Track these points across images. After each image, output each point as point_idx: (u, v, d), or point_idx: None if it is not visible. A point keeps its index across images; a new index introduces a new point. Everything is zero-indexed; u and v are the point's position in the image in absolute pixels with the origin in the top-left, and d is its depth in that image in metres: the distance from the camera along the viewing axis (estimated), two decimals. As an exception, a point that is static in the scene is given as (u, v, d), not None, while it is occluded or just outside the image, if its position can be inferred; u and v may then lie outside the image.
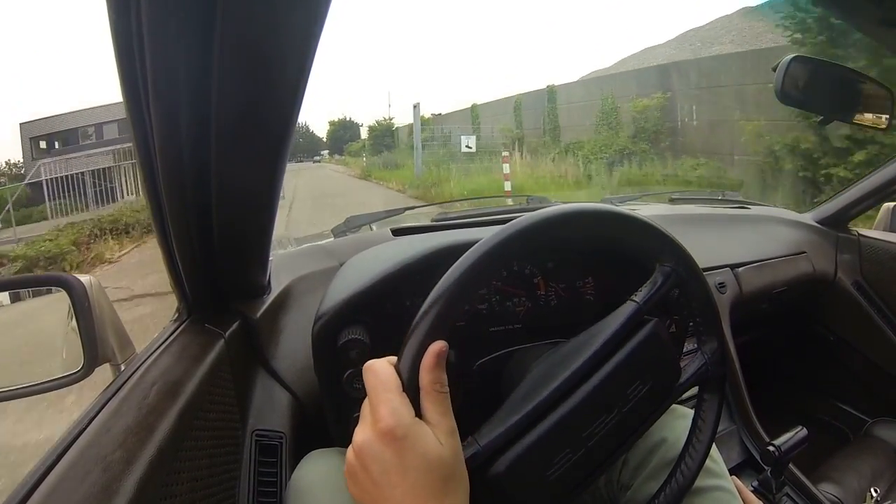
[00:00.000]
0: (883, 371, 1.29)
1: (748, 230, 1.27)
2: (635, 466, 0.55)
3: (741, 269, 1.10)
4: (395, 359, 0.37)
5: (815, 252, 1.28)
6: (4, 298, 0.61)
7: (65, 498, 0.34)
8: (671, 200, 1.47)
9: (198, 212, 0.46)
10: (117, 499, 0.34)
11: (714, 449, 0.52)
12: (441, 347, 0.36)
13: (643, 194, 1.75)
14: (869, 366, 1.32)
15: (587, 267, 0.67)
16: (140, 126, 0.38)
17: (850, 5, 0.56)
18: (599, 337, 0.43)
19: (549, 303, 0.66)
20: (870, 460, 1.11)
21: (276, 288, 0.70)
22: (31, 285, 0.65)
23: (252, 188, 0.47)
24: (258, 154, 0.43)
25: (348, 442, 0.36)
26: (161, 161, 0.40)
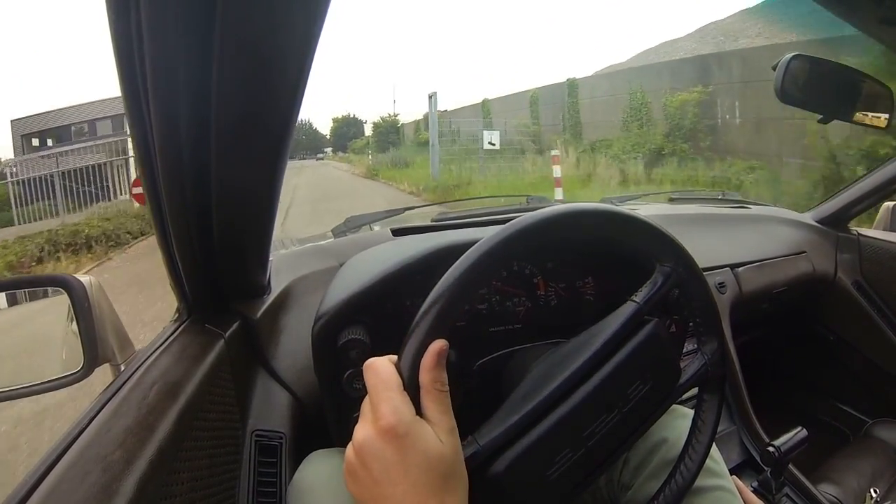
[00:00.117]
0: (883, 371, 1.29)
1: (748, 230, 1.27)
2: (636, 466, 0.55)
3: (741, 269, 1.10)
4: (396, 357, 0.37)
5: (815, 252, 1.28)
6: (1, 302, 0.61)
7: (65, 498, 0.34)
8: (671, 200, 1.47)
9: (198, 212, 0.46)
10: (117, 499, 0.34)
11: (714, 449, 0.52)
12: (441, 346, 0.36)
13: (643, 194, 1.75)
14: (869, 366, 1.32)
15: (587, 267, 0.67)
16: (140, 126, 0.38)
17: (850, 4, 0.56)
18: (600, 337, 0.43)
19: (549, 303, 0.66)
20: (870, 461, 1.11)
21: (277, 288, 0.70)
22: (31, 286, 0.65)
23: (252, 188, 0.47)
24: (258, 154, 0.43)
25: (348, 441, 0.36)
26: (161, 161, 0.40)
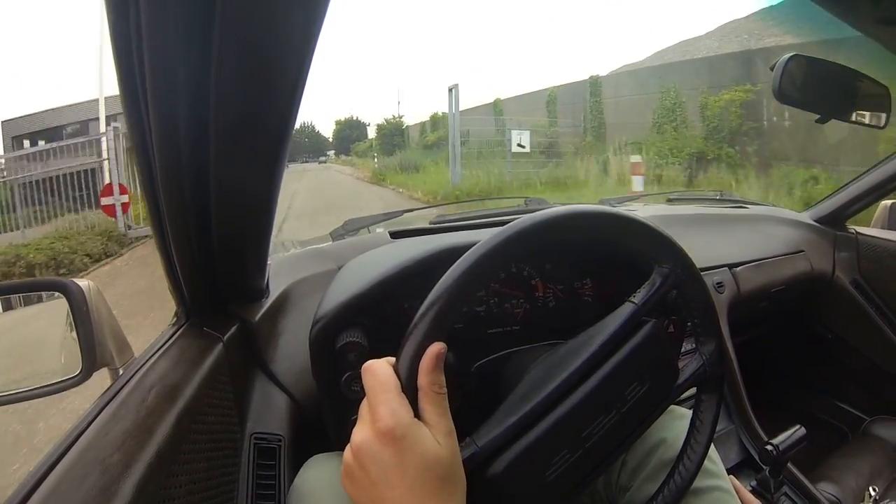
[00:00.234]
0: (881, 369, 1.29)
1: (746, 230, 1.27)
2: (634, 468, 0.55)
3: (739, 269, 1.10)
4: (394, 360, 0.38)
5: (813, 251, 1.28)
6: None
7: (63, 501, 0.34)
8: (669, 200, 1.48)
9: (196, 214, 0.46)
10: (115, 502, 0.34)
11: (712, 449, 0.52)
12: (440, 349, 0.36)
13: (642, 195, 1.75)
14: (867, 364, 1.32)
15: (585, 268, 0.67)
16: (138, 127, 0.38)
17: (848, 4, 0.56)
18: (598, 338, 0.43)
19: (548, 304, 0.66)
20: (868, 459, 1.11)
21: (275, 291, 0.70)
22: (30, 290, 0.64)
23: (251, 190, 0.47)
24: (257, 155, 0.43)
25: (347, 444, 0.36)
26: (159, 162, 0.40)
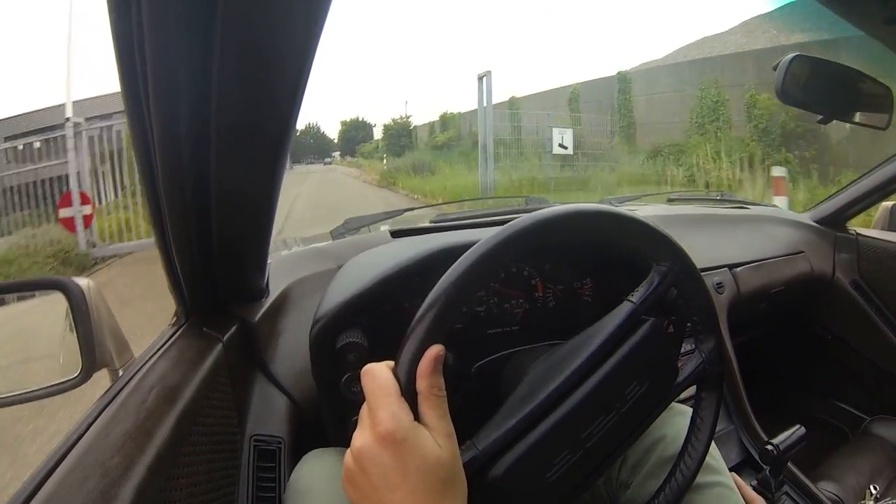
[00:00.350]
0: (881, 369, 1.30)
1: (746, 230, 1.27)
2: (634, 464, 0.55)
3: (739, 269, 1.10)
4: (394, 363, 0.37)
5: (813, 252, 1.28)
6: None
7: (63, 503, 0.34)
8: (669, 201, 1.47)
9: (197, 214, 0.46)
10: None
11: (713, 446, 0.52)
12: (438, 352, 0.36)
13: (642, 195, 1.75)
14: (867, 364, 1.32)
15: (585, 268, 0.67)
16: (140, 127, 0.38)
17: (854, 4, 0.56)
18: (597, 338, 0.43)
19: (547, 304, 0.66)
20: (868, 458, 1.11)
21: (275, 291, 0.70)
22: (29, 289, 0.64)
23: (251, 190, 0.47)
24: (258, 156, 0.43)
25: (347, 446, 0.36)
26: (161, 163, 0.40)
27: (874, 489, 0.97)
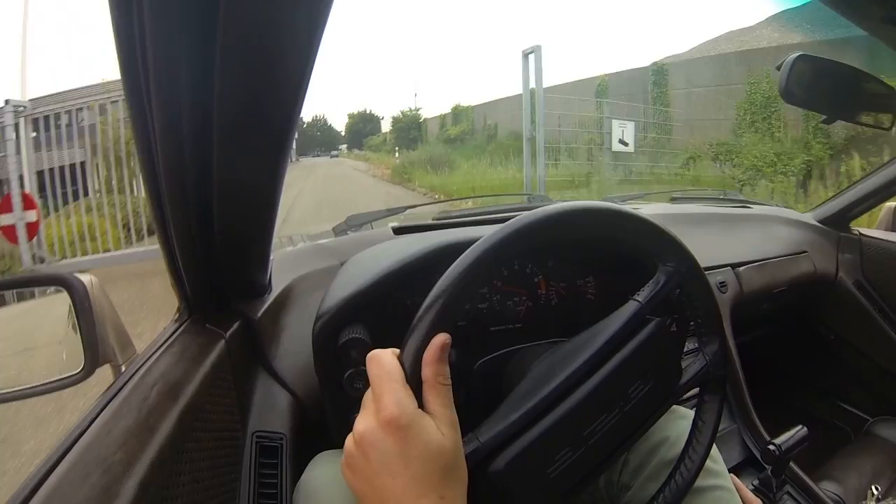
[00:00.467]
0: (884, 370, 1.29)
1: (749, 229, 1.27)
2: (636, 467, 0.55)
3: (742, 269, 1.10)
4: (399, 351, 0.37)
5: (817, 251, 1.28)
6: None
7: (65, 500, 0.34)
8: (672, 199, 1.47)
9: (199, 209, 0.46)
10: (118, 501, 0.34)
11: (714, 448, 0.52)
12: (444, 340, 0.36)
13: (645, 193, 1.74)
14: (870, 365, 1.32)
15: (587, 266, 0.67)
16: (141, 121, 0.38)
17: (854, 3, 0.56)
18: (601, 336, 0.43)
19: (550, 302, 0.66)
20: (871, 459, 1.11)
21: (277, 287, 0.69)
22: (31, 285, 0.64)
23: (253, 185, 0.47)
24: (260, 150, 0.43)
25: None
26: (162, 157, 0.40)
27: (876, 490, 0.97)
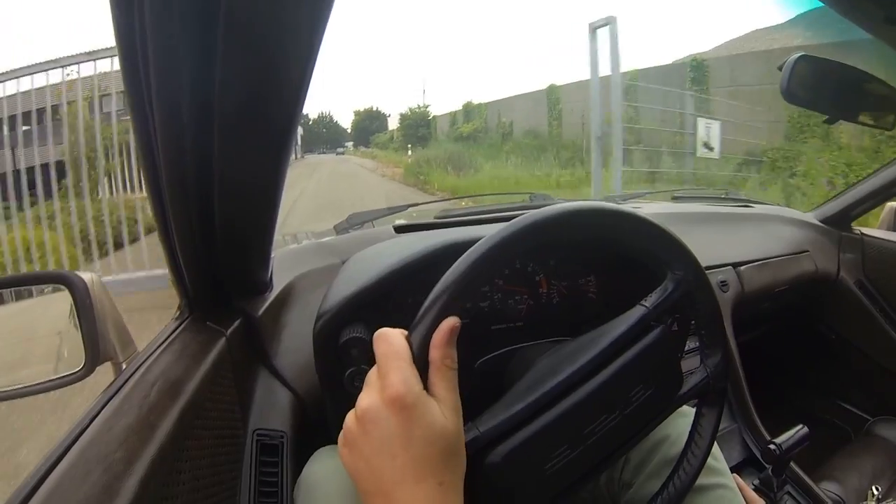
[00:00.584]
0: (884, 370, 1.29)
1: (751, 229, 1.27)
2: (637, 465, 0.55)
3: (743, 268, 1.10)
4: (408, 331, 0.37)
5: (818, 251, 1.28)
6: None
7: (66, 498, 0.34)
8: (674, 198, 1.47)
9: (200, 207, 0.46)
10: (119, 499, 0.34)
11: (715, 447, 0.52)
12: (454, 324, 0.36)
13: (646, 192, 1.74)
14: (870, 365, 1.32)
15: (589, 265, 0.67)
16: (142, 118, 0.38)
17: (855, 3, 0.56)
18: (606, 337, 0.43)
19: (551, 301, 0.66)
20: (871, 459, 1.11)
21: (279, 285, 0.69)
22: (32, 283, 0.64)
23: (254, 182, 0.47)
24: (261, 147, 0.43)
25: None
26: (163, 154, 0.40)
27: (876, 490, 0.97)
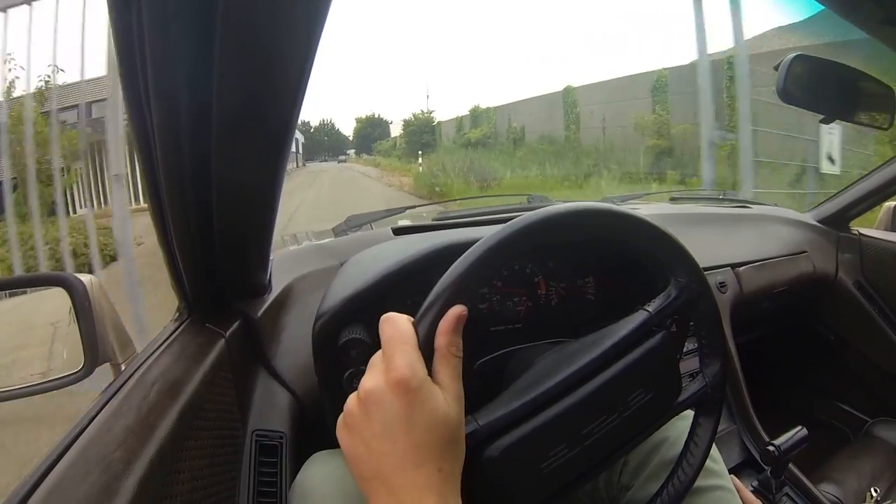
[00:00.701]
0: (883, 371, 1.29)
1: (749, 229, 1.27)
2: (636, 466, 0.55)
3: (742, 269, 1.10)
4: (415, 318, 0.37)
5: (816, 251, 1.28)
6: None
7: (65, 498, 0.34)
8: (672, 199, 1.47)
9: (198, 210, 0.46)
10: (118, 499, 0.34)
11: (714, 449, 0.52)
12: (461, 311, 0.36)
13: (644, 193, 1.74)
14: (869, 365, 1.32)
15: (587, 267, 0.67)
16: (140, 122, 0.38)
17: (852, 4, 0.56)
18: (608, 339, 0.43)
19: (550, 302, 0.66)
20: (870, 460, 1.11)
21: (277, 287, 0.70)
22: (32, 285, 0.65)
23: (253, 185, 0.47)
24: (259, 150, 0.43)
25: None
26: (161, 157, 0.40)
27: (875, 492, 0.97)
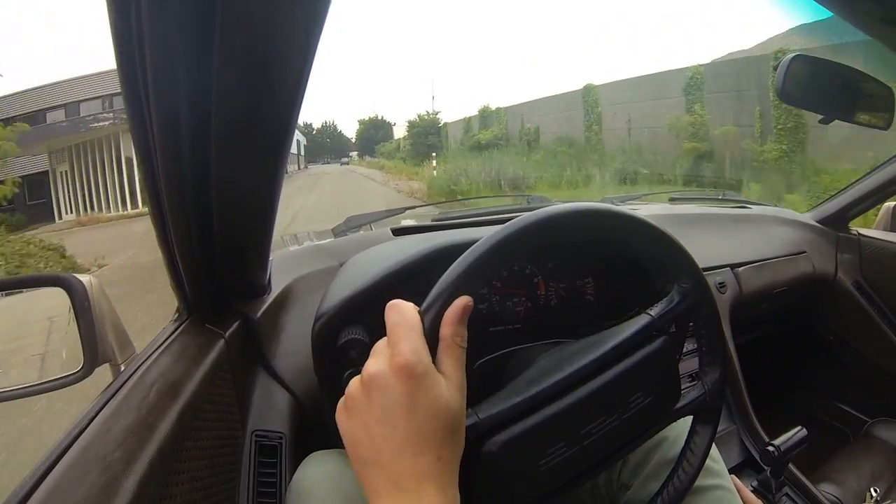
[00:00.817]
0: (882, 371, 1.29)
1: (748, 230, 1.27)
2: (635, 466, 0.55)
3: (741, 269, 1.10)
4: (421, 307, 0.37)
5: (816, 252, 1.28)
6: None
7: (65, 498, 0.34)
8: (671, 200, 1.47)
9: (198, 211, 0.46)
10: (117, 499, 0.34)
11: (714, 449, 0.52)
12: (467, 302, 0.36)
13: (644, 194, 1.74)
14: (869, 366, 1.32)
15: (587, 267, 0.67)
16: (140, 125, 0.38)
17: (851, 3, 0.56)
18: (610, 341, 0.43)
19: (549, 303, 0.66)
20: (869, 460, 1.11)
21: (277, 288, 0.70)
22: (31, 285, 0.64)
23: (252, 186, 0.47)
24: (258, 152, 0.43)
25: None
26: (161, 160, 0.40)
27: (874, 492, 0.97)
